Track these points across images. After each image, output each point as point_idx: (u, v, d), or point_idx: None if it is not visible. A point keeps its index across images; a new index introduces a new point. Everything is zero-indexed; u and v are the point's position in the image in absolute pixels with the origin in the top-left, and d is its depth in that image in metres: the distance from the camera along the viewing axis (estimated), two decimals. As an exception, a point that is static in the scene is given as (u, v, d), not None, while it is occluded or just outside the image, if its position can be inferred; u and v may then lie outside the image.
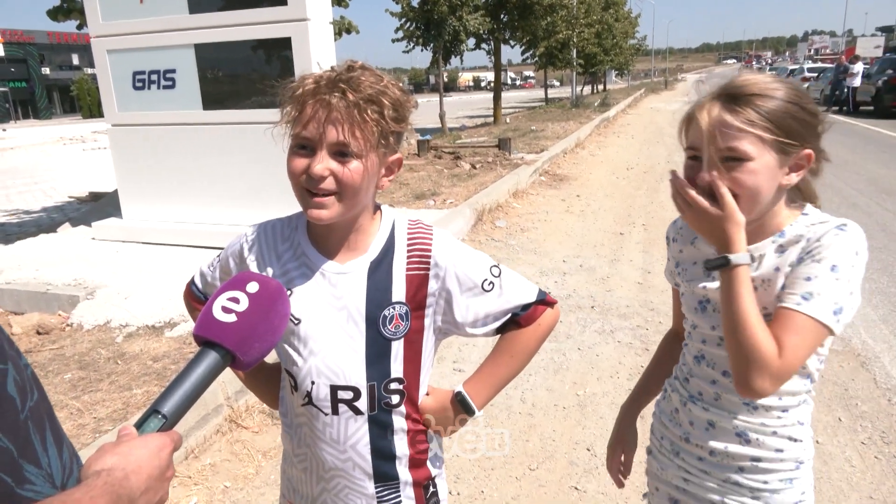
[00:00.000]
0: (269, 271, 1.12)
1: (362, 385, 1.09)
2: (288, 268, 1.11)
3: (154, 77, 5.57)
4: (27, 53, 52.78)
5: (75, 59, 56.94)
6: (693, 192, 1.08)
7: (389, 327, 1.09)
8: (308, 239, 1.12)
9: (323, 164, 0.98)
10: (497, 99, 19.84)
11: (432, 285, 1.11)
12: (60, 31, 52.17)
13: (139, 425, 0.79)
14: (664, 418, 1.32)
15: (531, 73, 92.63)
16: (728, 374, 1.16)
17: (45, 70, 55.44)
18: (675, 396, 1.29)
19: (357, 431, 1.11)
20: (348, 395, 1.10)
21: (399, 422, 1.14)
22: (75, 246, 5.82)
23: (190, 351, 3.48)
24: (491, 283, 1.13)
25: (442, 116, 17.53)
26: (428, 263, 1.10)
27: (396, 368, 1.11)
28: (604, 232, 6.71)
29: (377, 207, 1.14)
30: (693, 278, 1.23)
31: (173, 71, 5.51)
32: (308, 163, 0.99)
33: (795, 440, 1.16)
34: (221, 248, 1.23)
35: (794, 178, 1.09)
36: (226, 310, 0.88)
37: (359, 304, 1.08)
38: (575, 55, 25.11)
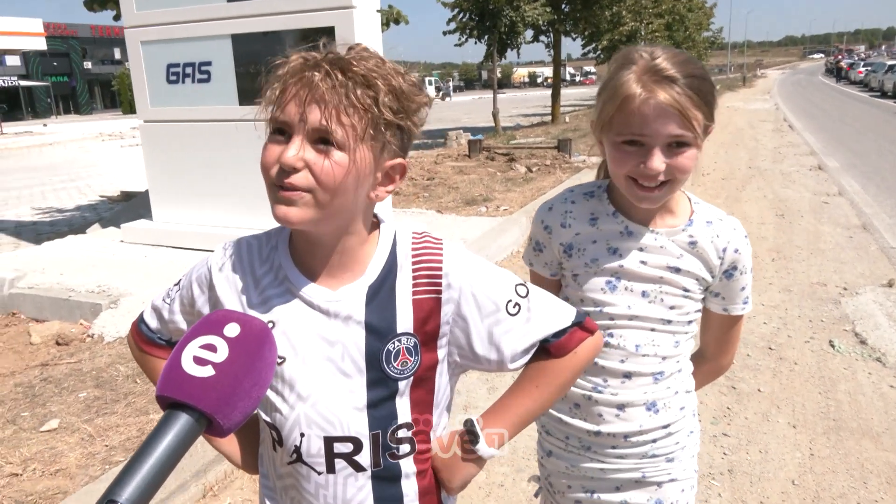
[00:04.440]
0: (246, 300, 0.98)
1: (364, 435, 0.96)
2: (268, 295, 0.97)
3: (189, 70, 5.58)
4: (70, 47, 55.51)
5: (117, 54, 59.53)
6: None
7: (395, 364, 0.95)
8: (291, 260, 0.98)
9: (298, 151, 0.85)
10: (556, 96, 19.54)
11: (446, 311, 0.97)
12: (103, 24, 54.60)
13: None
14: (564, 417, 1.35)
15: (592, 69, 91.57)
16: (640, 347, 1.26)
17: (88, 64, 58.20)
18: (574, 392, 1.32)
19: (359, 493, 0.98)
20: (347, 447, 0.96)
21: (409, 479, 1.01)
22: (103, 249, 5.88)
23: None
24: (517, 304, 0.98)
25: (495, 114, 17.37)
26: (439, 284, 0.96)
27: (404, 412, 0.98)
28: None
29: (376, 223, 1.01)
30: (597, 257, 1.27)
31: (209, 63, 5.50)
32: (282, 151, 0.86)
33: (689, 391, 1.34)
34: None
35: (699, 154, 1.20)
36: (199, 361, 0.72)
37: (356, 337, 0.94)
38: (642, 48, 24.48)
